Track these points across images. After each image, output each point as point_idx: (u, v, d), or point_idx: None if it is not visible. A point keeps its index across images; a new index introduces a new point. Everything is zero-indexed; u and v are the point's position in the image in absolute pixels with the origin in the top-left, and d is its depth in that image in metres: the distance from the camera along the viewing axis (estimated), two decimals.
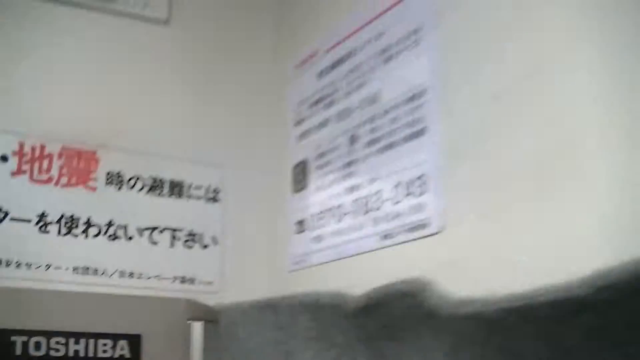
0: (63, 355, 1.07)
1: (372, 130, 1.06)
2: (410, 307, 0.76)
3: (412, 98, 0.99)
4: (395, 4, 1.06)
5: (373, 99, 1.07)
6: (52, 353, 1.06)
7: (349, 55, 1.15)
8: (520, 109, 0.82)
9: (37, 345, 1.06)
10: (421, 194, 0.94)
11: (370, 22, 1.11)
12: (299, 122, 1.27)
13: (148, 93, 1.29)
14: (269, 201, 1.34)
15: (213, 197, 1.31)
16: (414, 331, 0.76)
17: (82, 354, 1.08)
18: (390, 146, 1.02)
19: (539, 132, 0.79)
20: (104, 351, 1.09)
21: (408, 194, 0.97)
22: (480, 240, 0.85)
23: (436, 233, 0.92)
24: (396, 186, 0.99)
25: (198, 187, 1.30)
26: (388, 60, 1.05)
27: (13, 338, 1.05)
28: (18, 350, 1.04)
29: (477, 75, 0.90)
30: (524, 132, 0.81)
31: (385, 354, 0.82)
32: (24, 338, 1.05)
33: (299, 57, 1.30)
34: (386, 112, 1.04)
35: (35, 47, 1.22)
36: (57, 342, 1.07)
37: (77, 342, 1.08)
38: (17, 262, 1.14)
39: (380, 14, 1.09)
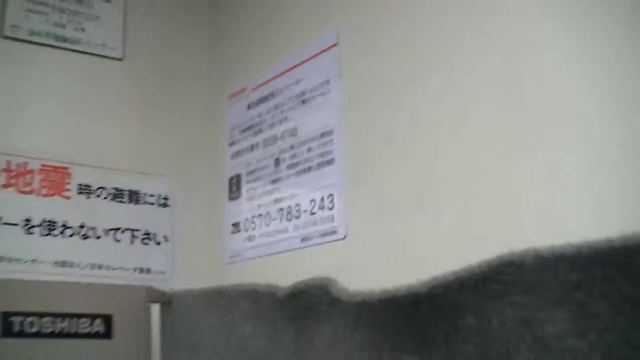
0: (52, 331, 1.27)
1: (292, 157, 1.27)
2: (321, 295, 0.99)
3: (323, 135, 1.20)
4: (310, 58, 1.26)
5: (292, 132, 1.28)
6: (43, 330, 1.26)
7: (272, 94, 1.35)
8: (404, 150, 1.03)
9: (31, 324, 1.25)
10: (330, 208, 1.16)
11: (290, 70, 1.31)
12: (232, 144, 1.45)
13: (109, 118, 1.44)
14: (209, 207, 1.49)
15: (164, 203, 1.45)
16: (324, 312, 0.99)
17: (66, 330, 1.28)
18: (306, 170, 1.23)
19: (415, 169, 1.01)
20: (84, 327, 1.29)
21: (321, 208, 1.18)
22: (373, 244, 1.07)
23: (342, 238, 1.13)
24: (311, 201, 1.21)
25: (152, 195, 1.44)
26: (304, 103, 1.26)
27: (11, 318, 1.24)
28: (16, 328, 1.24)
29: (372, 121, 1.10)
30: (405, 167, 1.03)
31: (305, 327, 1.04)
32: (21, 318, 1.24)
33: (232, 90, 1.48)
34: (302, 143, 1.25)
35: (15, 83, 1.36)
36: (47, 321, 1.26)
37: (62, 321, 1.28)
38: (8, 258, 1.28)
39: (298, 65, 1.29)
